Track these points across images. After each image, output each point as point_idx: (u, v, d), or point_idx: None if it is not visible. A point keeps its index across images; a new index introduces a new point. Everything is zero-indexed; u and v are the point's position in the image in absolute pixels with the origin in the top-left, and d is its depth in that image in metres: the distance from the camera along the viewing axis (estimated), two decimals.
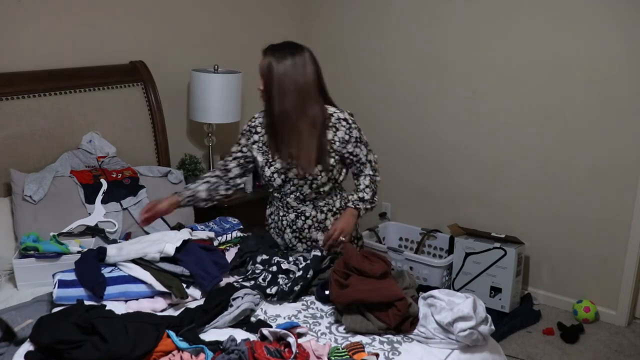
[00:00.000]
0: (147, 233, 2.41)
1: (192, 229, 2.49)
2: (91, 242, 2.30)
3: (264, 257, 2.20)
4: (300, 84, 2.15)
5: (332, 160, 2.25)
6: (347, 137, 2.24)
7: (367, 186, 2.33)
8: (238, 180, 2.39)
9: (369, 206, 2.33)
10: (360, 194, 2.32)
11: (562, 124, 3.02)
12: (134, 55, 3.04)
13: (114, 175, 2.65)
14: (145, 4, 3.07)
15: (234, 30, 3.52)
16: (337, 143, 2.24)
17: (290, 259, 2.16)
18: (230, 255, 2.32)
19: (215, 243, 2.39)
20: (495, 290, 3.09)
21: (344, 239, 2.23)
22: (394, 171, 3.73)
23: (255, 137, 2.33)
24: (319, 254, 2.15)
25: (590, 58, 2.87)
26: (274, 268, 2.11)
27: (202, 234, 2.41)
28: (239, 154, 2.36)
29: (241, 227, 2.63)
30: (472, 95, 3.30)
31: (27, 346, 1.68)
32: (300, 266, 2.10)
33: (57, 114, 2.65)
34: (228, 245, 2.45)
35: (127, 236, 2.49)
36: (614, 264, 3.00)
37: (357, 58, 3.74)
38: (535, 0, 2.97)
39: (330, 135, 2.24)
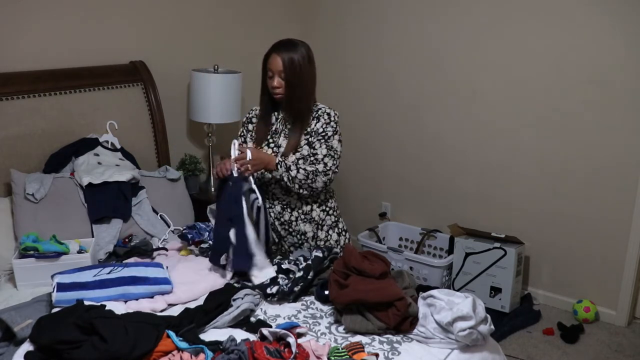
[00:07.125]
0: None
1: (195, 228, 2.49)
2: (91, 242, 2.30)
3: None
4: (313, 75, 2.28)
5: (306, 150, 2.26)
6: (320, 129, 2.27)
7: (307, 171, 2.19)
8: None
9: (288, 176, 2.18)
10: (294, 167, 2.20)
11: (562, 124, 3.02)
12: (134, 55, 3.04)
13: None
14: (145, 4, 3.07)
15: (234, 30, 3.52)
16: (313, 133, 2.28)
17: (291, 258, 2.16)
18: None
19: None
20: (495, 290, 3.09)
21: (242, 168, 2.11)
22: (394, 171, 3.73)
23: (250, 126, 2.43)
24: (320, 254, 2.15)
25: (590, 58, 2.87)
26: (274, 268, 2.11)
27: None
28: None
29: None
30: (472, 95, 3.30)
31: (26, 346, 1.67)
32: (301, 266, 2.10)
33: (57, 114, 2.65)
34: None
35: (125, 238, 2.49)
36: (614, 264, 3.00)
37: (357, 58, 3.74)
38: (535, 0, 2.97)
39: (312, 124, 2.29)
